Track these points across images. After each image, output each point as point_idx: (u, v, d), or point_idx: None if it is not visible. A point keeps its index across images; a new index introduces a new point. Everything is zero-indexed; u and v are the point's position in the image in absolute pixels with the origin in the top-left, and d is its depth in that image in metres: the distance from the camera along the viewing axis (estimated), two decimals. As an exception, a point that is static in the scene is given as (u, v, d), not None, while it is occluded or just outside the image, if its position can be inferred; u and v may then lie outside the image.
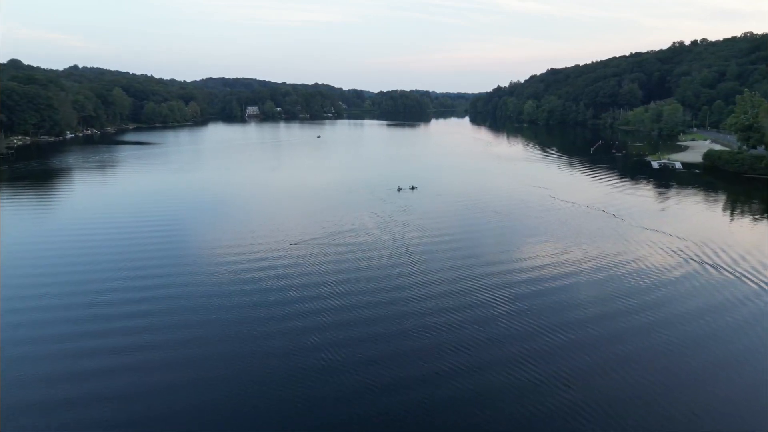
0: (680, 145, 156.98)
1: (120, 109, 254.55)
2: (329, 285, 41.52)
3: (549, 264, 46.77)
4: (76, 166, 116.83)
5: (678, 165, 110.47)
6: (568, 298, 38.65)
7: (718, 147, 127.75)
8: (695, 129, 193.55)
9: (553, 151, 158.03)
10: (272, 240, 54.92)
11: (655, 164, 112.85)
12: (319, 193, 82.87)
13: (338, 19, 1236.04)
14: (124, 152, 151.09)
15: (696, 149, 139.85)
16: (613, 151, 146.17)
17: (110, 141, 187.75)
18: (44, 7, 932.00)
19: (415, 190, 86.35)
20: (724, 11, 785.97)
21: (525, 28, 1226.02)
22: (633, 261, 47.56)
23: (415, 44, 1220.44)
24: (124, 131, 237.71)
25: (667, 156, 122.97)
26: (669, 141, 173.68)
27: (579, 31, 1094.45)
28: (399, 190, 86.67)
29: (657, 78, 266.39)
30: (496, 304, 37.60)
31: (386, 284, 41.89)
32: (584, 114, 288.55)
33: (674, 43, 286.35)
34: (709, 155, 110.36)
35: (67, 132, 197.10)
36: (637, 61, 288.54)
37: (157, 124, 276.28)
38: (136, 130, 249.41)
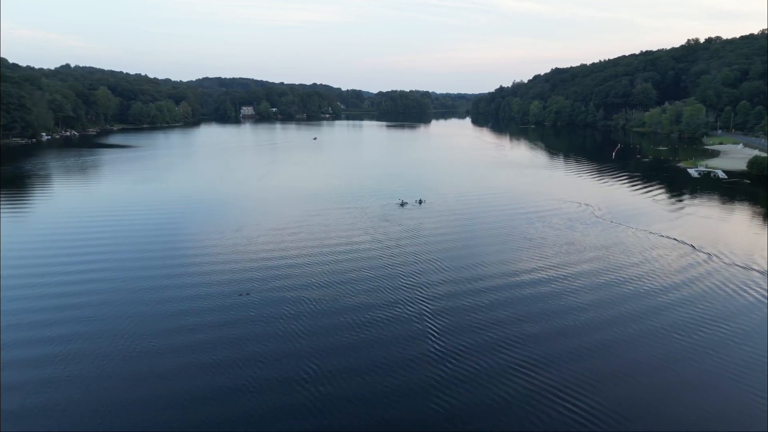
0: (708, 150, 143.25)
1: (104, 109, 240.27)
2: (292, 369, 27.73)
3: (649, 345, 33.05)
4: (30, 174, 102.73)
5: (720, 173, 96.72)
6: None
7: (756, 152, 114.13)
8: (720, 131, 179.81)
9: (571, 156, 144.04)
10: (222, 283, 41.04)
11: (694, 172, 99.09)
12: (309, 210, 68.87)
13: (337, 20, 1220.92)
14: (95, 156, 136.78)
15: (731, 155, 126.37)
16: (638, 156, 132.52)
17: (89, 143, 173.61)
18: (42, 7, 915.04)
19: (422, 205, 72.80)
20: (722, 12, 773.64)
21: (523, 28, 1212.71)
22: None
23: (414, 45, 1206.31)
24: (107, 133, 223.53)
25: (704, 163, 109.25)
26: (694, 144, 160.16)
27: (577, 31, 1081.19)
28: (403, 204, 72.98)
29: (671, 77, 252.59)
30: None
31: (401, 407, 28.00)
32: (594, 115, 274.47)
33: (688, 40, 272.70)
34: (756, 163, 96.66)
35: (43, 134, 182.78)
36: (650, 59, 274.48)
37: (145, 125, 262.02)
38: (122, 131, 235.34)
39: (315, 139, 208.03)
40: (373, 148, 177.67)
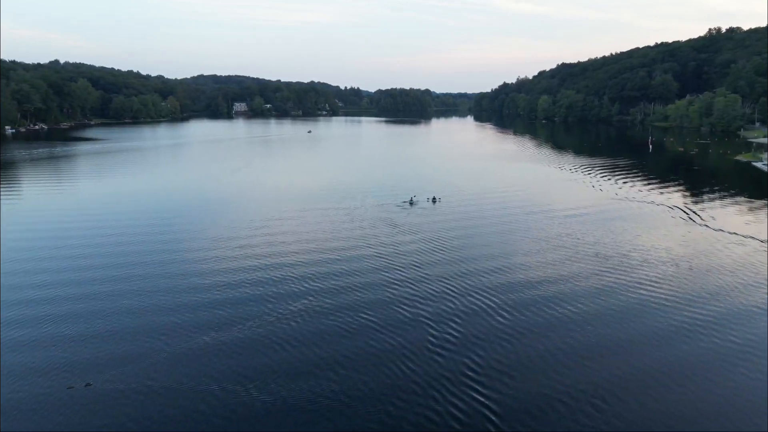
0: (753, 143, 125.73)
1: (81, 102, 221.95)
2: None
3: None
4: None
5: (795, 166, 79.70)
6: None
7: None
8: (757, 124, 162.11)
9: (599, 151, 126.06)
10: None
11: (763, 166, 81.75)
12: (291, 210, 51.27)
13: (337, 20, 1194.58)
14: (44, 149, 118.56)
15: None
16: (680, 149, 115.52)
17: (56, 137, 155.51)
18: (42, 7, 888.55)
19: (436, 204, 55.80)
20: (722, 13, 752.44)
21: (524, 29, 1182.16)
22: None
23: (414, 45, 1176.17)
24: (83, 127, 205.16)
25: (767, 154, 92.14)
26: (736, 138, 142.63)
27: (578, 32, 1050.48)
28: (412, 203, 55.94)
29: (693, 68, 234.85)
30: None
31: None
32: (608, 109, 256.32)
33: (710, 29, 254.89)
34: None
35: (7, 127, 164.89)
36: (668, 50, 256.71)
37: (127, 120, 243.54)
38: (101, 125, 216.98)
39: (309, 132, 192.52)
40: (372, 144, 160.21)
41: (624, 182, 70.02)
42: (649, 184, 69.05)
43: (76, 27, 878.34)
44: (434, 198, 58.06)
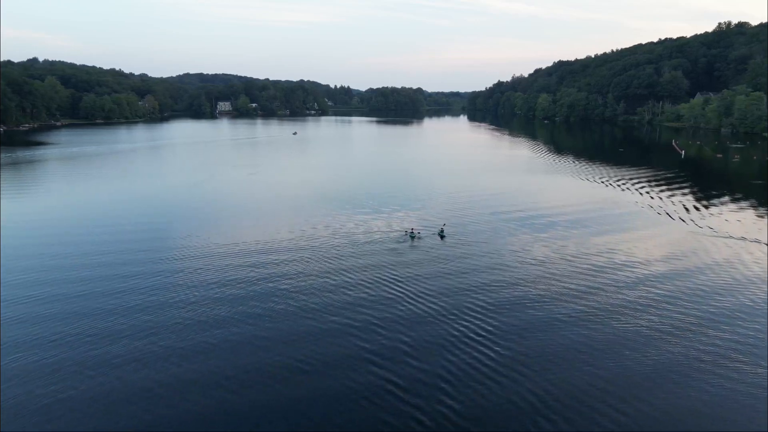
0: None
1: (46, 102, 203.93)
2: None
3: None
4: None
5: None
6: None
7: None
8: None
9: (624, 159, 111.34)
10: None
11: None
12: (247, 254, 35.85)
13: (330, 20, 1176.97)
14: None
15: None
16: (718, 155, 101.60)
17: (14, 141, 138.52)
18: (32, 8, 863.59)
19: (445, 239, 41.44)
20: (708, 13, 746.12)
21: (514, 29, 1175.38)
22: None
23: (405, 44, 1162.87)
24: (48, 128, 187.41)
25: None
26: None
27: (569, 31, 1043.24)
28: (413, 237, 41.67)
29: (704, 65, 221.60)
30: None
31: None
32: (614, 108, 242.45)
33: (719, 24, 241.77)
34: None
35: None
36: (676, 45, 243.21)
37: (99, 121, 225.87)
38: (68, 127, 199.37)
39: (295, 134, 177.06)
40: (361, 147, 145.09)
41: (705, 209, 53.69)
42: (734, 212, 53.67)
43: (68, 27, 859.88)
44: (442, 231, 43.13)
